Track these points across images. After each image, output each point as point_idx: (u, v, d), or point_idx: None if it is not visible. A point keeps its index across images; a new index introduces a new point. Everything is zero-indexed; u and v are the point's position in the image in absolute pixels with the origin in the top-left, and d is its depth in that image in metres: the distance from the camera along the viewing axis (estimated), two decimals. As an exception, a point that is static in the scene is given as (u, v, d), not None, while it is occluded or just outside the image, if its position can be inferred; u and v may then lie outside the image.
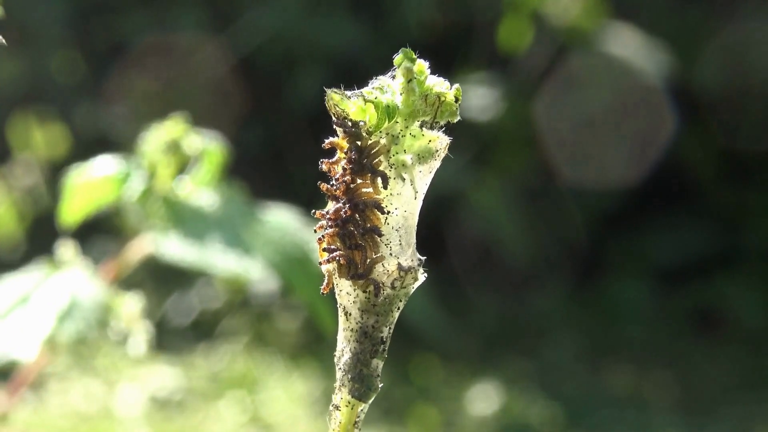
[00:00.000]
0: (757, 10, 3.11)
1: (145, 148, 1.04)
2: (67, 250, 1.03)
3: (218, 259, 0.97)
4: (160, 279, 2.87)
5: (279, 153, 3.34)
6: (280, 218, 1.07)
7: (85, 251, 1.06)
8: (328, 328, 1.00)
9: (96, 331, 0.93)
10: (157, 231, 0.99)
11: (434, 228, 2.93)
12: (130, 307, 1.03)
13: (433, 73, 0.51)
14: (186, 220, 1.00)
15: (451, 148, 0.52)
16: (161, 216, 0.99)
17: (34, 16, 3.22)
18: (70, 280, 0.98)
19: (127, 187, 1.02)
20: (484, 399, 2.48)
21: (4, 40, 0.56)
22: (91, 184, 1.03)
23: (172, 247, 0.97)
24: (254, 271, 0.97)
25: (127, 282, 1.12)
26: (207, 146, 1.05)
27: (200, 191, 1.05)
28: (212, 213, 1.02)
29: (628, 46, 2.96)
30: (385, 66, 0.52)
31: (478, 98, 3.00)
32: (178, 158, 1.04)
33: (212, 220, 1.01)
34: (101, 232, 2.70)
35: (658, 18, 3.16)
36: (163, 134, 1.04)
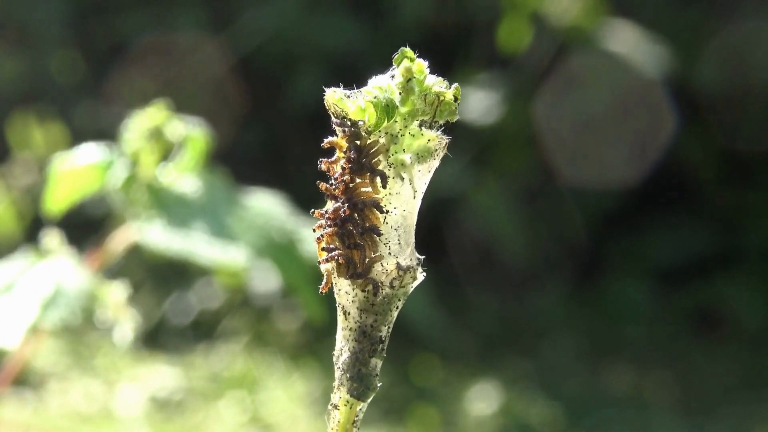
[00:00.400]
0: (757, 10, 3.10)
1: (128, 136, 1.04)
2: (52, 239, 1.02)
3: (202, 245, 0.96)
4: (160, 279, 2.87)
5: (278, 153, 3.34)
6: (264, 204, 1.06)
7: (78, 247, 1.06)
8: (314, 313, 0.99)
9: (80, 319, 0.92)
10: (141, 219, 0.98)
11: (434, 228, 2.93)
12: (116, 295, 1.02)
13: (432, 73, 0.51)
14: (169, 207, 0.99)
15: (451, 148, 0.52)
16: (145, 203, 0.99)
17: (34, 16, 3.22)
18: (54, 268, 0.98)
19: (110, 175, 1.01)
20: (484, 399, 2.47)
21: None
22: (75, 173, 1.02)
23: (157, 235, 0.97)
24: (238, 257, 0.96)
25: (126, 281, 1.11)
26: (190, 133, 1.04)
27: (184, 178, 1.04)
28: (196, 199, 1.02)
29: (629, 45, 2.96)
30: (384, 66, 0.52)
31: (478, 100, 3.00)
32: (161, 145, 1.03)
33: (196, 206, 1.01)
34: (94, 230, 2.70)
35: (658, 17, 3.16)
36: (145, 121, 1.03)
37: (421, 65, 0.50)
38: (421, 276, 0.52)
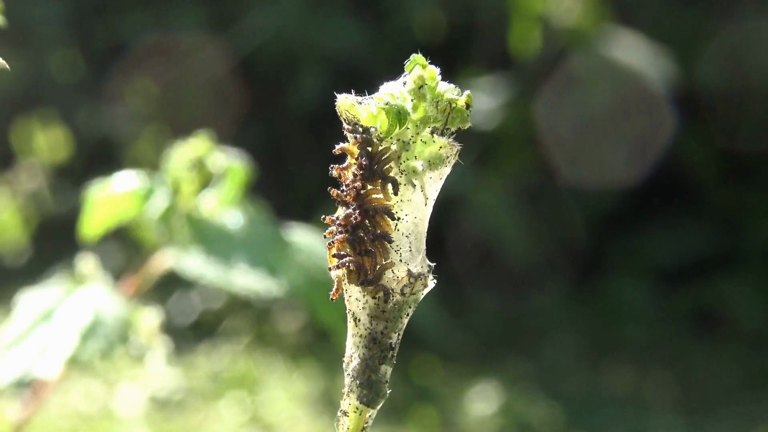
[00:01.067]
0: (757, 10, 3.11)
1: (168, 165, 1.03)
2: (87, 263, 1.02)
3: (242, 279, 0.96)
4: (161, 278, 2.86)
5: (279, 153, 3.34)
6: (305, 240, 1.06)
7: (93, 257, 1.06)
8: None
9: (118, 350, 0.92)
10: (179, 247, 0.98)
11: (434, 228, 2.93)
12: (149, 321, 1.02)
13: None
14: (210, 239, 0.99)
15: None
16: (184, 233, 0.99)
17: (34, 16, 3.22)
18: (92, 296, 0.98)
19: (150, 204, 1.01)
20: (484, 399, 2.48)
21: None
22: (114, 199, 1.02)
23: (195, 265, 0.97)
24: (278, 293, 0.96)
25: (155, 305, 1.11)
26: (231, 164, 1.04)
27: (223, 209, 1.04)
28: (237, 232, 1.01)
29: (629, 46, 2.97)
30: (386, 67, 0.51)
31: (480, 102, 3.00)
32: (201, 176, 1.03)
33: (237, 239, 1.00)
34: (109, 240, 2.70)
35: (658, 18, 3.16)
36: (187, 151, 1.03)
37: (433, 72, 0.50)
38: (431, 283, 0.52)
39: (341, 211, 0.52)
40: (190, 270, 0.96)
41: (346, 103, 0.50)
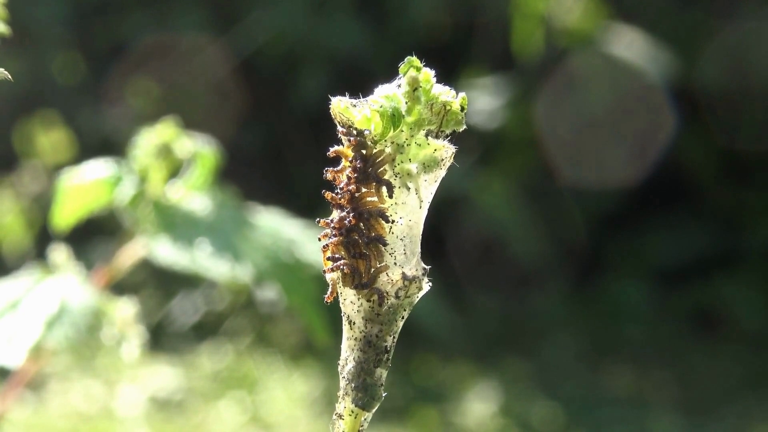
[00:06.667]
0: (757, 10, 3.10)
1: (136, 152, 1.03)
2: (59, 254, 1.01)
3: (208, 264, 0.96)
4: (164, 280, 2.87)
5: (280, 153, 3.34)
6: (273, 223, 1.05)
7: (86, 253, 1.05)
8: (317, 336, 0.98)
9: (85, 337, 0.92)
10: (148, 235, 0.98)
11: (435, 228, 2.93)
12: (124, 311, 1.01)
13: (436, 75, 0.51)
14: (176, 225, 0.98)
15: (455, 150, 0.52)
16: (152, 220, 0.98)
17: (35, 17, 3.22)
18: (60, 285, 0.97)
19: (118, 191, 1.01)
20: (484, 399, 2.47)
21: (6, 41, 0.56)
22: (83, 188, 1.01)
23: (164, 252, 0.96)
24: (244, 276, 0.96)
25: (129, 283, 1.11)
26: (199, 150, 1.03)
27: (192, 195, 1.03)
28: (203, 217, 1.00)
29: (629, 47, 2.97)
30: (388, 67, 0.51)
31: (482, 103, 3.00)
32: (169, 162, 1.02)
33: (203, 224, 0.99)
34: (104, 234, 2.70)
35: (658, 18, 3.16)
36: (154, 138, 1.02)
37: (428, 74, 0.50)
38: (426, 286, 0.52)
39: (336, 214, 0.52)
40: (160, 257, 0.96)
41: (340, 105, 0.50)
